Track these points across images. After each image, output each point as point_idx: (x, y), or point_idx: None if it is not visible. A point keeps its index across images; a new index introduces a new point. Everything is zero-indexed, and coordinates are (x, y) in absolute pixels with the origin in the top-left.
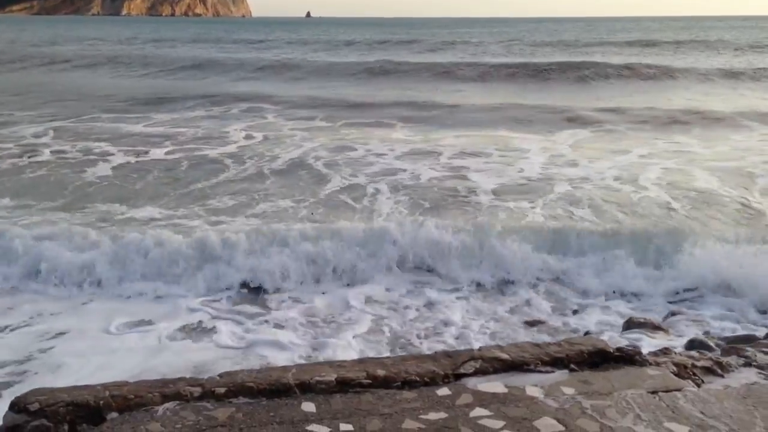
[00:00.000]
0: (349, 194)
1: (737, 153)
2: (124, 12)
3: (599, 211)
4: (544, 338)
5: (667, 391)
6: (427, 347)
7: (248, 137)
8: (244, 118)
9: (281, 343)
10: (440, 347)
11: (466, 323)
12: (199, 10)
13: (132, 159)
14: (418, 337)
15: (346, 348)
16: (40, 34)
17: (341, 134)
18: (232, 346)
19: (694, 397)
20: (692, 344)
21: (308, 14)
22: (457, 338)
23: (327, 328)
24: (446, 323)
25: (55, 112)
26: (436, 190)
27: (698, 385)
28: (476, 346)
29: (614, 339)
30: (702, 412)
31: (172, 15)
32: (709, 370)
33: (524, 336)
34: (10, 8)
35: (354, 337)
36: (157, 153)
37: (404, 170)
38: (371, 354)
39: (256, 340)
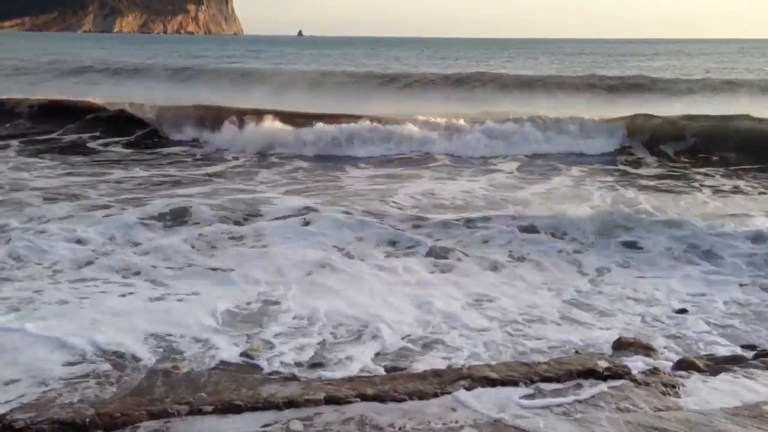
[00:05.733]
0: None
1: None
2: (116, 29)
3: None
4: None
5: (655, 410)
6: None
7: None
8: None
9: None
10: None
11: None
12: (191, 28)
13: None
14: None
15: None
16: None
17: None
18: None
19: (681, 417)
20: (680, 364)
21: (300, 33)
22: None
23: None
24: None
25: None
26: None
27: (686, 405)
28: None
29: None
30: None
31: (164, 32)
32: (696, 390)
33: None
34: (1, 24)
35: None
36: None
37: None
38: None
39: None
